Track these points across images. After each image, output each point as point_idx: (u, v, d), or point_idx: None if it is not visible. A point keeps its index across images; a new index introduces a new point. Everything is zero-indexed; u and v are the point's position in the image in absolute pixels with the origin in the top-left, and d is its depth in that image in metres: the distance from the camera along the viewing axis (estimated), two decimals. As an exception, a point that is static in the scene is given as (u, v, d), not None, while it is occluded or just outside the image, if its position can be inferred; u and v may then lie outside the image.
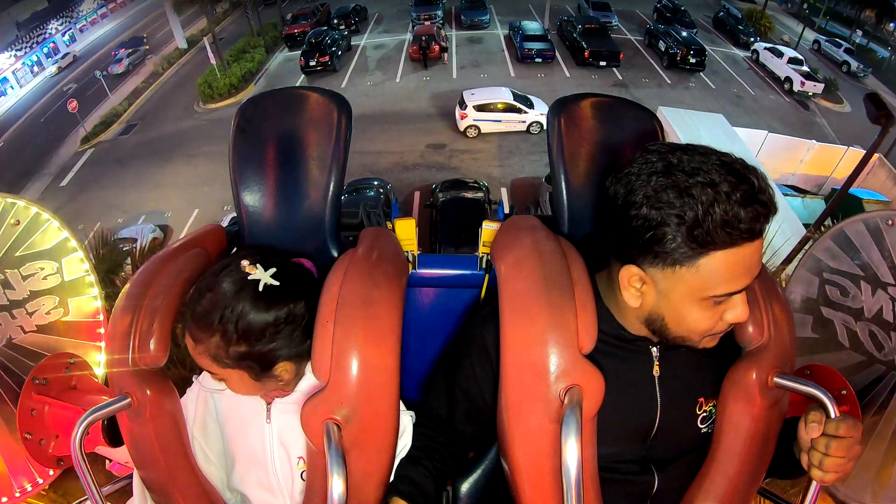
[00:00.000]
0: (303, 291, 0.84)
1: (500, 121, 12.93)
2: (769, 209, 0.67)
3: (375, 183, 10.08)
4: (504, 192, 11.09)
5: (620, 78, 16.19)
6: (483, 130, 12.99)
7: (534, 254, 0.82)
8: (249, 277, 0.80)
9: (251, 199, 1.13)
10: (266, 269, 0.81)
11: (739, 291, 0.71)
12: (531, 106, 13.03)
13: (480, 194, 9.36)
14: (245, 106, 1.17)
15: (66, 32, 22.00)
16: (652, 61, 17.31)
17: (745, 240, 0.66)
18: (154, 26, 22.03)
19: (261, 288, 0.79)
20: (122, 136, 15.02)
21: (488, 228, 1.13)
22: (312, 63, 16.74)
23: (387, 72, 17.29)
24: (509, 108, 12.94)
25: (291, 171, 1.13)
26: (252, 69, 17.50)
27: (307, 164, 1.13)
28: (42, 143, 15.11)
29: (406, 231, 1.13)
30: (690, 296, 0.71)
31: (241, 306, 0.79)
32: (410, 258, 1.16)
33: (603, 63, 16.44)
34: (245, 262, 0.81)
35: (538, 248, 0.83)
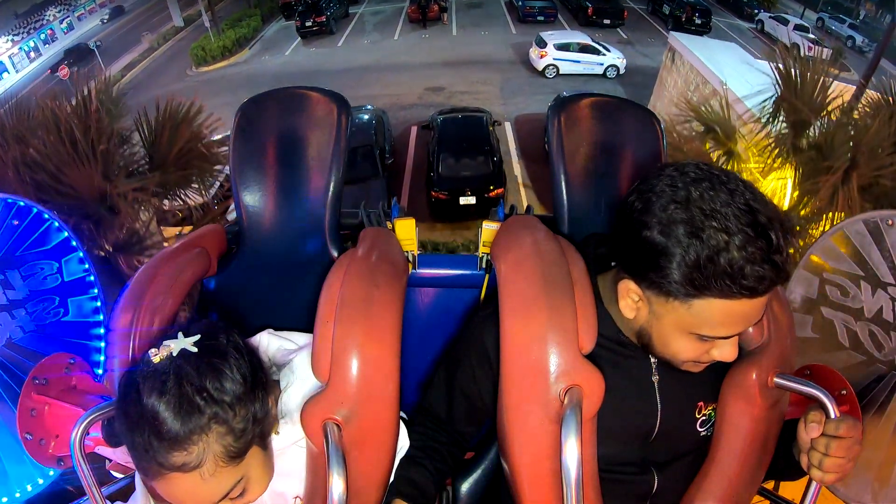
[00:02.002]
0: (218, 325, 0.75)
1: (578, 61, 13.10)
2: (779, 272, 0.62)
3: (370, 107, 9.80)
4: (508, 127, 10.95)
5: (625, 37, 16.09)
6: (562, 70, 13.16)
7: (534, 254, 0.82)
8: (175, 354, 0.67)
9: (251, 199, 1.13)
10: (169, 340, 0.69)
11: (730, 337, 0.70)
12: (608, 50, 13.24)
13: (482, 114, 9.36)
14: (245, 106, 1.17)
15: (63, 20, 22.03)
16: (657, 25, 17.31)
17: (744, 296, 0.64)
18: (151, 11, 22.27)
19: (195, 349, 0.68)
20: (111, 104, 15.10)
21: (488, 228, 1.13)
22: (309, 24, 16.79)
23: (384, 32, 17.46)
24: (587, 49, 13.12)
25: (291, 171, 1.13)
26: (247, 35, 17.67)
27: (307, 164, 1.13)
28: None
29: (406, 231, 1.13)
30: (679, 327, 0.71)
31: (205, 377, 0.66)
32: (410, 258, 1.16)
33: (607, 21, 16.44)
34: (153, 351, 0.68)
35: (538, 248, 0.83)
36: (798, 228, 2.88)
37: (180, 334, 0.70)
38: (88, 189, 2.44)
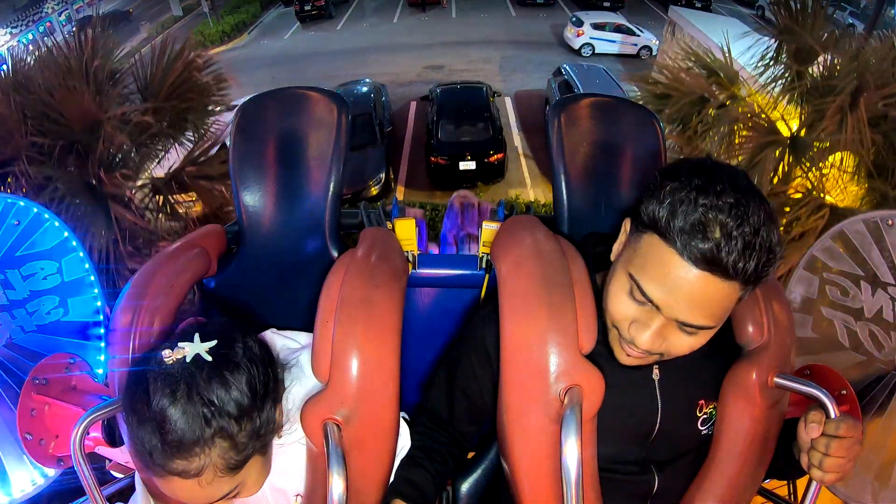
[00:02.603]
0: (236, 329, 0.74)
1: (614, 41, 13.39)
2: (716, 258, 0.61)
3: (367, 80, 10.13)
4: (509, 102, 11.10)
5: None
6: (597, 50, 13.46)
7: (534, 254, 0.82)
8: (188, 359, 0.66)
9: (251, 199, 1.13)
10: (185, 340, 0.68)
11: (650, 301, 0.68)
12: (642, 32, 13.53)
13: (481, 85, 9.59)
14: (245, 105, 1.17)
15: (62, 13, 21.88)
16: (656, 9, 17.33)
17: (673, 249, 0.64)
18: (150, 1, 22.25)
19: (209, 358, 0.67)
20: (105, 90, 15.22)
21: (488, 228, 1.13)
22: (307, 8, 17.03)
23: (383, 16, 17.67)
24: (622, 29, 13.41)
25: (291, 171, 1.13)
26: (246, 20, 17.83)
27: (307, 164, 1.13)
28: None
29: (406, 231, 1.13)
30: (623, 264, 0.73)
31: (214, 391, 0.65)
32: (410, 258, 1.16)
33: (606, 4, 16.46)
34: (167, 352, 0.66)
35: (538, 248, 0.83)
36: (811, 153, 2.87)
37: (196, 337, 0.68)
38: (78, 115, 2.39)
